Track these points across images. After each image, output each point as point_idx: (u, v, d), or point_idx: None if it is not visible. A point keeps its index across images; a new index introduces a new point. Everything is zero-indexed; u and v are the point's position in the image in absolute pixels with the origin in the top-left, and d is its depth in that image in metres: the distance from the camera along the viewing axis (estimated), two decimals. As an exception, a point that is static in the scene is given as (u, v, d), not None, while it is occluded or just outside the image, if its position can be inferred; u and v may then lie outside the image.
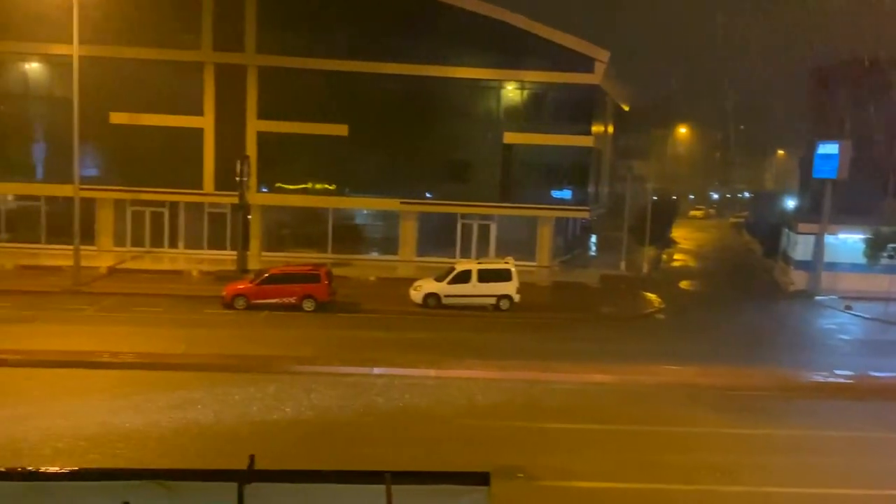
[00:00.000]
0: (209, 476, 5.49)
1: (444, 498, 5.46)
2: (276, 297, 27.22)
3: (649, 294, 34.51)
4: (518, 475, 14.40)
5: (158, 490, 5.38)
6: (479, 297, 28.63)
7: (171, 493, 5.33)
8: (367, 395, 18.84)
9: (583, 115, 38.74)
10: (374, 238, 40.65)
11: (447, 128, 38.13)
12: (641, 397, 19.63)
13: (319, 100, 37.52)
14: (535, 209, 38.75)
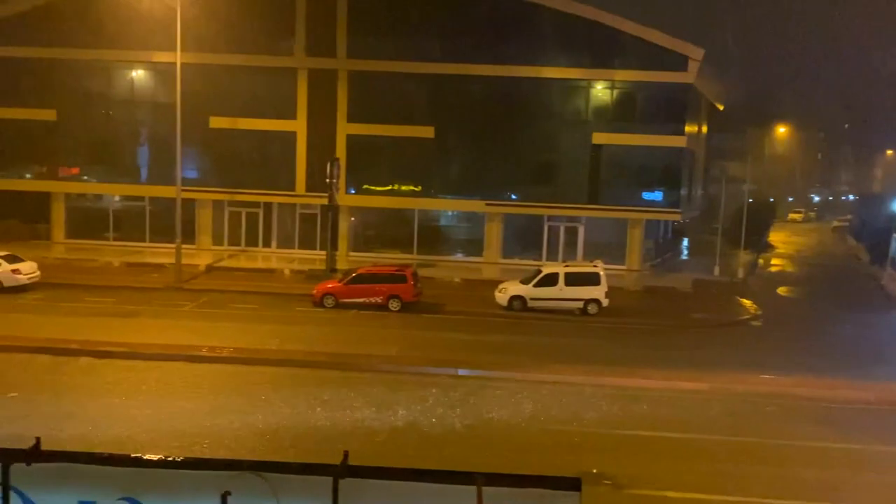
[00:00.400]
0: (305, 470, 5.65)
1: (534, 502, 5.42)
2: (364, 297, 27.72)
3: (744, 300, 33.22)
4: (605, 482, 14.14)
5: (257, 481, 5.56)
6: (566, 300, 28.24)
7: (269, 484, 5.52)
8: (450, 396, 18.90)
9: (675, 115, 37.70)
10: (459, 239, 40.82)
11: (534, 128, 37.89)
12: (734, 407, 18.87)
13: (407, 102, 38.03)
14: (625, 211, 37.97)
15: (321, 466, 5.59)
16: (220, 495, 5.39)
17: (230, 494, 5.40)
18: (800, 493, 14.07)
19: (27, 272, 28.73)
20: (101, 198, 40.97)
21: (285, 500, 5.55)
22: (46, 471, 5.73)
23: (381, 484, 5.58)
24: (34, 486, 5.74)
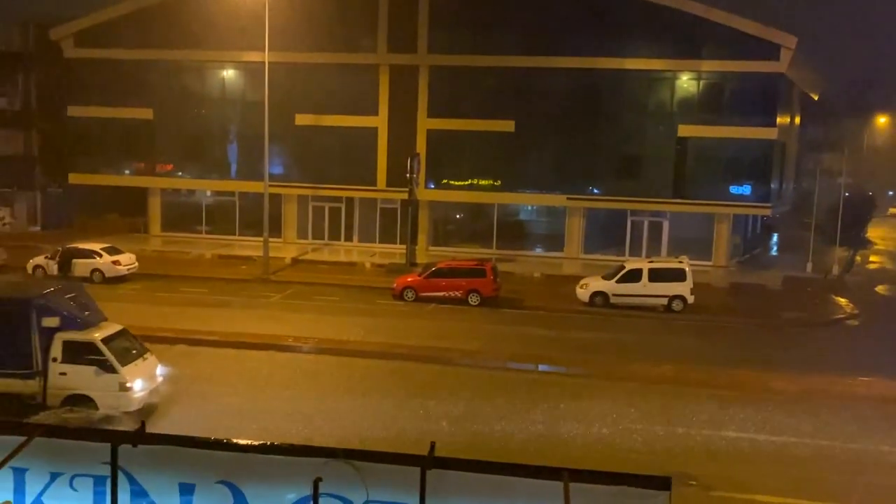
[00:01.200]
0: (395, 459, 5.78)
1: (623, 499, 5.36)
2: (443, 291, 27.91)
3: (839, 298, 31.68)
4: (690, 483, 13.80)
5: (347, 469, 5.73)
6: (650, 297, 27.63)
7: (359, 472, 5.67)
8: (531, 391, 18.84)
9: (766, 106, 36.24)
10: (539, 234, 40.53)
11: (617, 121, 37.20)
12: (828, 410, 18.03)
13: (487, 96, 37.97)
14: (711, 206, 36.80)
15: (410, 457, 5.72)
16: (313, 481, 5.60)
17: (321, 480, 5.60)
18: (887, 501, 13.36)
19: (126, 263, 30.30)
20: (194, 193, 42.72)
21: (374, 487, 5.71)
22: (151, 453, 6.07)
23: (468, 476, 5.66)
24: (139, 466, 6.08)
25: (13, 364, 15.35)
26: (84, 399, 15.59)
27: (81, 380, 15.56)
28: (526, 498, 5.44)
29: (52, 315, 15.58)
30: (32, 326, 15.40)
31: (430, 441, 5.82)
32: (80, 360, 15.55)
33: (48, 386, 15.50)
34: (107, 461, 5.90)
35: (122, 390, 15.64)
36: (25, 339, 15.37)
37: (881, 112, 76.29)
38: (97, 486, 5.99)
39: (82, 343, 15.68)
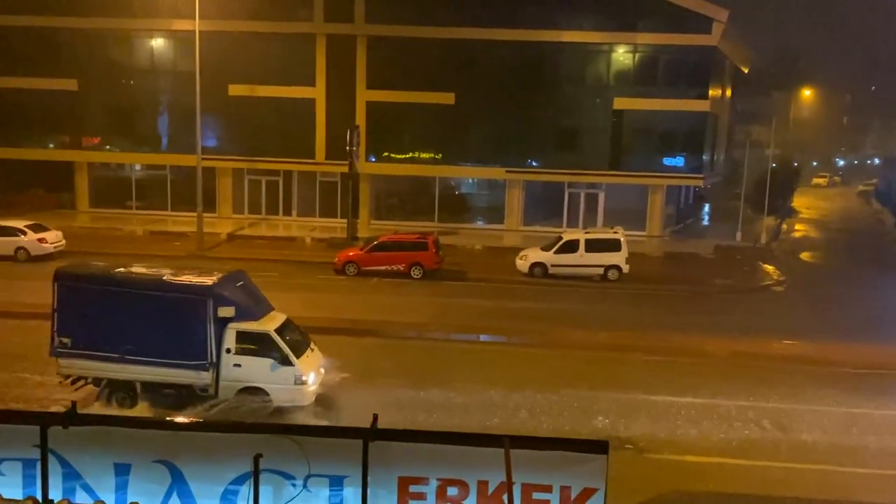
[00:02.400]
0: (336, 433, 5.79)
1: (562, 464, 5.50)
2: (386, 265, 27.84)
3: (767, 266, 32.95)
4: (627, 446, 14.24)
5: (289, 444, 5.71)
6: (587, 266, 28.21)
7: (300, 447, 5.66)
8: (471, 360, 19.05)
9: (698, 79, 37.08)
10: (481, 207, 40.73)
11: (555, 94, 37.46)
12: (757, 373, 18.82)
13: (426, 68, 37.67)
14: (646, 177, 37.62)
15: (351, 430, 5.73)
16: (253, 457, 5.55)
17: (262, 456, 5.56)
18: (819, 458, 14.07)
19: (53, 241, 29.14)
20: (124, 167, 41.29)
21: (316, 462, 5.70)
22: (83, 434, 5.90)
23: (410, 446, 5.72)
24: (71, 448, 5.92)
25: (187, 355, 14.72)
26: (258, 392, 14.97)
27: (256, 372, 14.93)
28: (469, 465, 5.53)
29: (227, 305, 14.83)
30: (209, 316, 14.65)
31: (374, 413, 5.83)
32: (254, 351, 14.97)
33: (221, 378, 14.85)
34: (37, 444, 5.72)
35: (298, 384, 15.04)
36: (201, 329, 14.65)
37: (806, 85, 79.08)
38: (27, 469, 5.81)
39: (256, 334, 15.04)
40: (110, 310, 14.68)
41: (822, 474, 13.52)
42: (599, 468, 5.42)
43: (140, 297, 14.70)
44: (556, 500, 5.39)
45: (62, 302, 14.77)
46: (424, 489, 5.52)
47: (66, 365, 14.99)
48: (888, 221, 47.75)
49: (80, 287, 14.86)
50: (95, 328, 14.75)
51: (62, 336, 14.78)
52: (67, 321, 14.74)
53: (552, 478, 5.42)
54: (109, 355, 14.65)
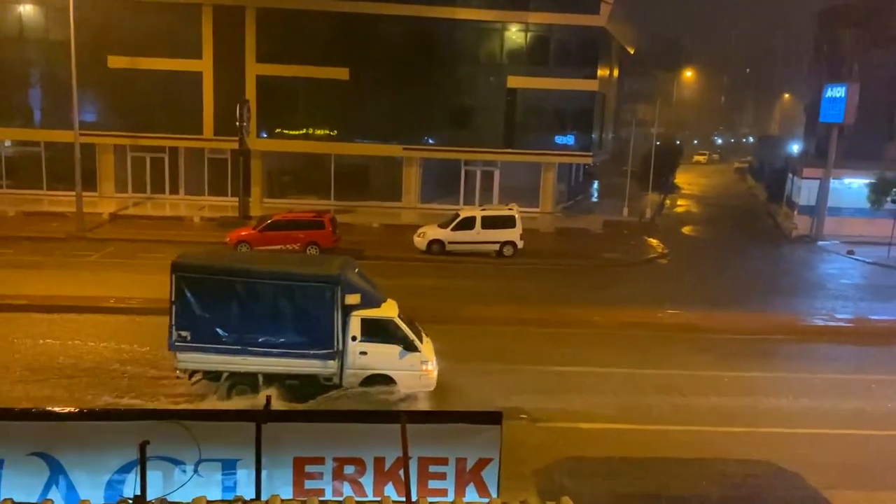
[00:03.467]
0: (228, 416, 5.66)
1: (458, 436, 5.61)
2: (280, 244, 27.27)
3: (652, 240, 34.57)
4: (521, 416, 14.68)
5: (178, 430, 5.53)
6: (483, 243, 28.70)
7: (190, 433, 5.49)
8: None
9: (587, 59, 38.11)
10: (377, 184, 40.45)
11: (450, 72, 37.57)
12: (643, 341, 19.82)
13: (320, 43, 36.85)
14: (539, 155, 38.49)
15: (244, 412, 5.63)
16: (139, 445, 5.34)
17: (149, 444, 5.35)
18: (699, 420, 15.01)
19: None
20: (-9, 143, 38.33)
21: (207, 446, 5.55)
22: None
23: (306, 426, 5.66)
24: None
25: (313, 344, 14.28)
26: (384, 379, 14.72)
27: (382, 359, 14.70)
28: (365, 443, 5.55)
29: (354, 292, 14.50)
30: (336, 304, 14.27)
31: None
32: (379, 338, 14.68)
33: (346, 366, 14.54)
34: None
35: (424, 369, 14.87)
36: (328, 317, 14.20)
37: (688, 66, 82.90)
38: None
39: (381, 321, 14.82)
40: (232, 300, 14.17)
41: (700, 434, 14.42)
42: (493, 439, 5.57)
43: (264, 286, 14.30)
44: (452, 471, 5.51)
45: (180, 294, 14.15)
46: (321, 469, 5.50)
47: (184, 359, 14.43)
48: (761, 196, 51.03)
49: (200, 278, 14.23)
50: (216, 320, 14.18)
51: (181, 329, 14.21)
52: (186, 314, 14.15)
53: (448, 450, 5.52)
54: (231, 347, 14.17)
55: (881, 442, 14.42)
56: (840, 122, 36.18)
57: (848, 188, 36.26)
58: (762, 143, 77.01)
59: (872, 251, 32.60)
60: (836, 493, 12.17)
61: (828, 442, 14.38)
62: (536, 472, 12.42)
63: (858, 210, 35.12)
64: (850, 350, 20.55)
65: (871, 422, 15.21)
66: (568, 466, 12.84)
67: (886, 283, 28.63)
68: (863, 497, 12.13)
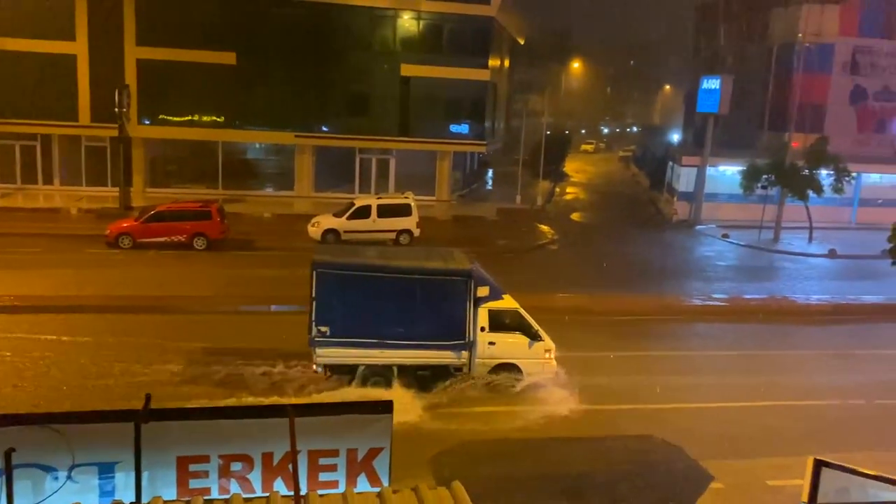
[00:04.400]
0: (104, 417, 5.32)
1: (348, 427, 5.53)
2: (165, 236, 26.14)
3: (543, 226, 35.47)
4: (420, 405, 14.75)
5: (50, 434, 5.16)
6: (380, 232, 28.54)
7: (64, 437, 5.13)
8: (264, 330, 18.60)
9: (479, 48, 38.51)
10: (269, 173, 39.50)
11: (344, 58, 37.04)
12: (537, 325, 20.26)
13: (204, 25, 35.45)
14: (434, 144, 38.63)
15: (121, 413, 5.30)
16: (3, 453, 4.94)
17: (14, 451, 4.96)
18: (590, 399, 15.55)
19: None
20: None
21: (82, 450, 5.21)
22: None
23: (189, 425, 5.42)
24: None
25: (448, 335, 14.96)
26: (510, 368, 15.49)
27: (511, 349, 15.50)
28: (253, 439, 5.37)
29: (484, 285, 15.28)
30: (470, 297, 14.99)
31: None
32: (505, 328, 15.48)
33: (476, 356, 15.22)
34: None
35: (547, 357, 15.65)
36: (462, 309, 14.92)
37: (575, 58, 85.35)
38: None
39: (506, 312, 15.63)
40: (370, 295, 14.67)
41: (591, 413, 14.96)
42: (384, 428, 5.53)
43: (401, 280, 14.79)
44: (343, 463, 5.43)
45: (321, 291, 14.53)
46: (206, 467, 5.28)
47: (323, 354, 14.81)
48: (644, 183, 53.35)
49: (340, 275, 14.68)
50: (354, 315, 14.65)
51: (321, 325, 14.60)
52: (326, 310, 14.54)
53: (338, 442, 5.44)
54: (368, 341, 14.66)
55: (757, 413, 15.44)
56: (715, 113, 38.28)
57: (723, 175, 38.48)
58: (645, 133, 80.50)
59: (745, 234, 34.80)
60: (714, 462, 12.92)
61: (709, 415, 15.27)
62: (431, 460, 12.52)
63: (732, 196, 37.36)
64: (728, 327, 21.87)
65: (747, 394, 16.25)
66: (462, 452, 13.01)
67: (757, 265, 30.65)
68: (740, 465, 12.94)
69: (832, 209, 36.79)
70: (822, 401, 16.13)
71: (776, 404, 15.84)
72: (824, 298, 24.92)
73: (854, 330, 21.72)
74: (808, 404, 15.94)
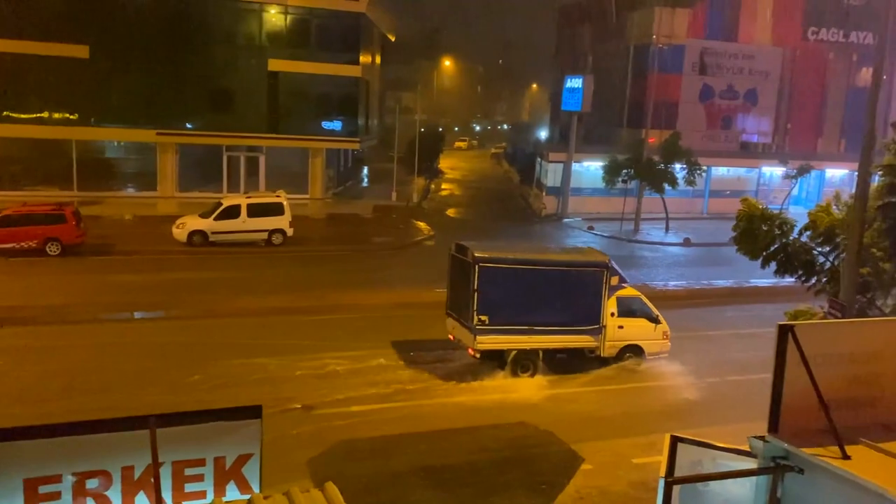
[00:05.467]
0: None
1: (216, 434, 5.34)
2: (13, 242, 24.21)
3: (419, 222, 35.74)
4: (294, 406, 14.50)
5: None
6: (250, 232, 27.74)
7: None
8: (124, 341, 17.66)
9: (349, 44, 38.23)
10: (130, 173, 37.49)
11: (207, 52, 35.69)
12: (411, 320, 20.41)
13: (53, 16, 33.07)
14: (305, 140, 37.98)
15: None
16: None
17: None
18: (472, 391, 15.84)
19: None
20: None
21: None
22: None
23: (40, 443, 5.05)
24: None
25: (587, 321, 16.86)
26: (634, 349, 17.46)
27: (636, 331, 17.46)
28: (112, 453, 5.08)
29: (615, 275, 17.24)
30: (606, 286, 16.85)
31: None
32: (630, 314, 17.36)
33: (607, 339, 17.10)
34: None
35: (665, 337, 17.61)
36: (599, 297, 16.80)
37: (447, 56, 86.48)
38: None
39: (631, 298, 17.61)
40: (523, 286, 16.28)
41: (472, 404, 15.25)
42: (253, 433, 5.38)
43: (551, 272, 16.65)
44: (210, 472, 5.24)
45: (482, 284, 16.06)
46: (58, 487, 4.94)
47: (482, 341, 16.31)
48: (515, 179, 54.92)
49: (499, 269, 16.23)
50: (509, 304, 16.23)
51: (481, 314, 16.14)
52: (485, 301, 16.10)
53: (205, 450, 5.24)
54: (520, 328, 16.40)
55: (625, 394, 16.28)
56: (578, 111, 39.99)
57: (587, 170, 40.28)
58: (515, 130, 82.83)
59: (608, 226, 36.60)
60: (585, 445, 13.52)
61: (580, 399, 15.95)
62: (311, 461, 12.35)
63: (596, 190, 39.21)
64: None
65: (612, 377, 17.10)
66: (341, 451, 12.92)
67: (620, 254, 32.13)
68: (608, 446, 13.60)
69: (686, 200, 39.40)
70: (680, 380, 17.25)
71: (638, 386, 16.79)
72: (680, 284, 26.64)
73: (707, 312, 23.35)
74: (668, 384, 17.00)
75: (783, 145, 45.64)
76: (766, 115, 45.60)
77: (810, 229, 14.94)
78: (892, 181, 13.44)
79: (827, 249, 14.83)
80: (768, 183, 43.23)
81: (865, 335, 5.59)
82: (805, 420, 5.13)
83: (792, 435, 5.12)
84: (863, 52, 44.25)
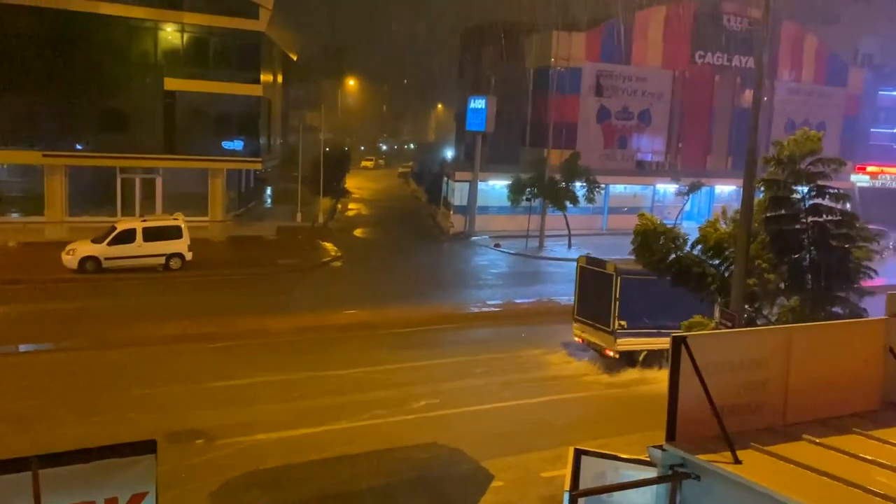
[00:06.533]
0: None
1: (106, 474, 5.03)
2: None
3: (326, 243, 35.31)
4: (197, 440, 13.91)
5: None
6: (147, 257, 26.61)
7: None
8: (15, 376, 16.52)
9: (249, 63, 37.57)
10: (14, 197, 35.35)
11: (98, 71, 34.21)
12: (321, 344, 20.11)
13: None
14: (204, 161, 36.91)
15: None
16: None
17: None
18: (376, 413, 15.66)
19: None
20: None
21: None
22: None
23: None
24: None
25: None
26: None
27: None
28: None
29: None
30: None
31: None
32: None
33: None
34: None
35: None
36: (711, 301, 16.98)
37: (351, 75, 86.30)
38: None
39: None
40: (654, 294, 17.76)
41: (376, 427, 15.05)
42: (147, 470, 5.10)
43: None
44: (101, 514, 4.93)
45: (623, 293, 18.53)
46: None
47: (621, 342, 18.69)
48: (422, 198, 55.20)
49: (636, 280, 18.27)
50: (642, 309, 18.59)
51: (620, 319, 18.60)
52: (624, 307, 18.55)
53: (95, 491, 4.92)
54: (651, 330, 18.41)
55: (527, 410, 16.48)
56: (483, 131, 40.69)
57: (493, 189, 40.97)
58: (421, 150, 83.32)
59: (514, 243, 37.29)
60: (494, 461, 13.58)
61: (484, 416, 16.03)
62: (212, 494, 11.85)
63: (502, 208, 39.91)
64: (503, 331, 23.16)
65: (519, 393, 17.31)
66: (244, 482, 12.47)
67: (526, 270, 32.95)
68: (514, 461, 13.71)
69: (587, 217, 40.68)
70: (585, 392, 17.67)
71: (547, 399, 17.06)
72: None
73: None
74: (577, 396, 17.37)
75: (675, 163, 47.93)
76: (659, 135, 47.78)
77: (701, 243, 15.68)
78: (773, 195, 14.27)
79: (717, 262, 15.59)
80: (662, 199, 45.24)
81: (753, 343, 5.86)
82: (701, 428, 5.32)
83: (689, 443, 5.29)
84: (745, 75, 47.14)
